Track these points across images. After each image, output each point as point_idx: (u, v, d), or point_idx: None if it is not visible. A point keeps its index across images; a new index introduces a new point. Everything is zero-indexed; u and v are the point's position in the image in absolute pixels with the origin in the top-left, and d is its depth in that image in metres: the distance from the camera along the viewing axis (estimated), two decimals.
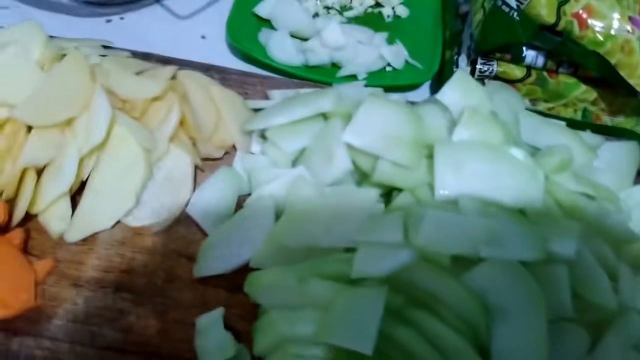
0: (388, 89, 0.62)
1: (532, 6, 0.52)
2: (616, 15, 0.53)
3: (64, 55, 0.50)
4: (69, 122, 0.46)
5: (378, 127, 0.44)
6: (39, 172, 0.45)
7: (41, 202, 0.44)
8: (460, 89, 0.46)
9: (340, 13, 0.72)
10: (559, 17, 0.53)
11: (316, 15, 0.71)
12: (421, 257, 0.38)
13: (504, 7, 0.53)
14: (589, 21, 0.53)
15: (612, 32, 0.53)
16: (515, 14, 0.53)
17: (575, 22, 0.53)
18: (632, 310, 0.41)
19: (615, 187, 0.49)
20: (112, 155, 0.46)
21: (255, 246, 0.43)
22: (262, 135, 0.50)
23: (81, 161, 0.45)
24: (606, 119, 0.61)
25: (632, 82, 0.54)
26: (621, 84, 0.55)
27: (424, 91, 0.66)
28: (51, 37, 0.55)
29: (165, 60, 0.57)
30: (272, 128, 0.48)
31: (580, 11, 0.53)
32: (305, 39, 0.66)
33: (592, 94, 0.59)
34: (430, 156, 0.44)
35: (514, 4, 0.53)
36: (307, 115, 0.48)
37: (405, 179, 0.43)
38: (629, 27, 0.53)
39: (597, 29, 0.53)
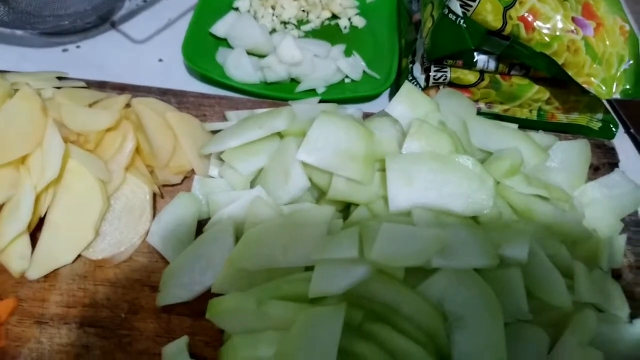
0: (347, 101, 0.63)
1: (478, 12, 0.53)
2: (560, 17, 0.54)
3: (17, 90, 0.49)
4: (23, 159, 0.46)
5: (331, 144, 0.45)
6: None
7: (0, 241, 0.44)
8: (408, 102, 0.46)
9: (298, 27, 0.73)
10: (505, 22, 0.54)
11: (274, 31, 0.71)
12: (377, 271, 0.39)
13: (450, 15, 0.54)
14: (535, 23, 0.54)
15: (558, 33, 0.54)
16: (462, 21, 0.54)
17: (522, 25, 0.54)
18: (587, 307, 0.42)
19: (568, 185, 0.50)
20: (68, 189, 0.46)
21: (216, 271, 0.43)
22: (220, 158, 0.50)
23: (38, 197, 0.45)
24: (561, 117, 0.62)
25: (580, 80, 0.55)
26: (572, 82, 0.56)
27: (383, 101, 0.66)
28: (5, 71, 0.56)
29: (121, 87, 0.57)
30: (228, 151, 0.49)
31: (526, 14, 0.54)
32: (263, 56, 0.67)
33: (546, 94, 0.60)
34: (383, 169, 0.44)
35: (460, 11, 0.54)
36: (262, 136, 0.48)
37: (360, 194, 0.44)
38: (573, 28, 0.54)
39: (543, 30, 0.54)
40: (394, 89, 0.66)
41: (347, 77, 0.66)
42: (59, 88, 0.54)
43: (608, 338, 0.43)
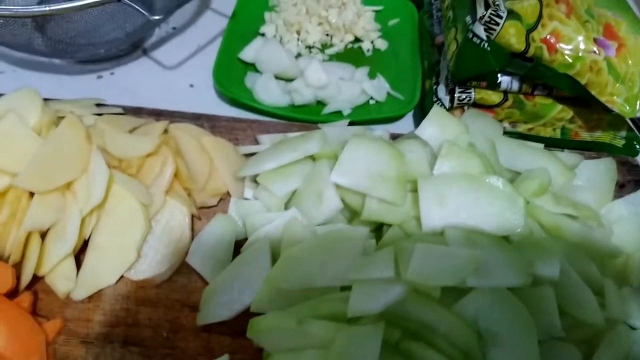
0: (372, 122, 0.65)
1: (502, 36, 0.55)
2: (582, 38, 0.55)
3: (60, 117, 0.52)
4: (69, 184, 0.48)
5: (363, 166, 0.47)
6: (43, 235, 0.47)
7: (47, 264, 0.46)
8: (438, 124, 0.48)
9: (322, 51, 0.75)
10: (528, 44, 0.55)
11: (299, 55, 0.74)
12: (413, 290, 0.40)
13: (475, 39, 0.56)
14: (557, 45, 0.55)
15: (580, 54, 0.55)
16: (486, 44, 0.55)
17: (544, 47, 0.55)
18: (619, 324, 0.42)
19: (595, 203, 0.51)
20: (112, 213, 0.48)
21: (255, 290, 0.44)
22: (254, 180, 0.52)
23: (83, 221, 0.47)
24: (585, 135, 0.63)
25: (603, 99, 0.56)
26: (594, 102, 0.57)
27: (407, 122, 0.68)
28: (46, 99, 0.58)
29: (157, 113, 0.60)
30: (262, 173, 0.50)
31: (548, 36, 0.55)
32: (289, 80, 0.69)
33: (569, 113, 0.61)
34: (414, 190, 0.46)
35: (484, 35, 0.55)
36: (295, 159, 0.50)
37: (393, 215, 0.45)
38: (595, 48, 0.55)
39: (565, 52, 0.55)
40: (418, 110, 0.68)
41: (371, 98, 0.68)
42: (98, 115, 0.56)
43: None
